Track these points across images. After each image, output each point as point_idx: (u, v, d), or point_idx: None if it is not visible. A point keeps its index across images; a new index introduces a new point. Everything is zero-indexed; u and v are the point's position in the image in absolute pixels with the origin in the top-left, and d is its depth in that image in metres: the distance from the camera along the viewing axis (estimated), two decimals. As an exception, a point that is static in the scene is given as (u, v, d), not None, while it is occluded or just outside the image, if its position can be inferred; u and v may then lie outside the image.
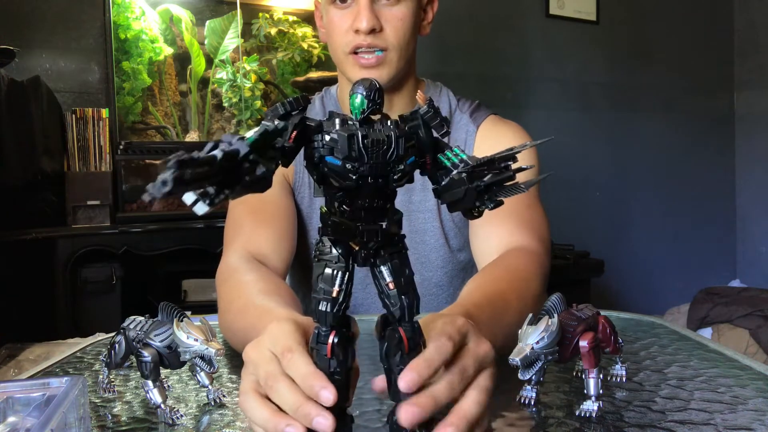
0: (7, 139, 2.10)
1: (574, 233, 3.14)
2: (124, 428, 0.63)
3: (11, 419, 0.53)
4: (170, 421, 0.63)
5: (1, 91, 2.07)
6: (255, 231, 1.03)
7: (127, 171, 2.37)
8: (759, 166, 3.89)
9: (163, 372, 0.66)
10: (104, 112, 2.34)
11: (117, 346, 0.69)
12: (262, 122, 0.46)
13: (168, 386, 0.71)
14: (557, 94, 3.45)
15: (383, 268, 0.49)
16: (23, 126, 2.17)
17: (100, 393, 0.72)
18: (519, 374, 0.64)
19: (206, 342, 0.63)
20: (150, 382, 0.63)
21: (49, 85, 2.29)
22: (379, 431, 0.61)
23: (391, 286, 0.49)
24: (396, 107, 1.09)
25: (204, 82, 2.65)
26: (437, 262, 1.14)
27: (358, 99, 0.47)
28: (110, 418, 0.66)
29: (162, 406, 0.63)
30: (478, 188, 0.47)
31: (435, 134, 0.50)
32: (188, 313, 0.68)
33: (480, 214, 0.49)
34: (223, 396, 0.69)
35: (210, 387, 0.68)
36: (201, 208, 0.39)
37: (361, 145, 0.46)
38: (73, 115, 2.30)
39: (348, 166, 0.46)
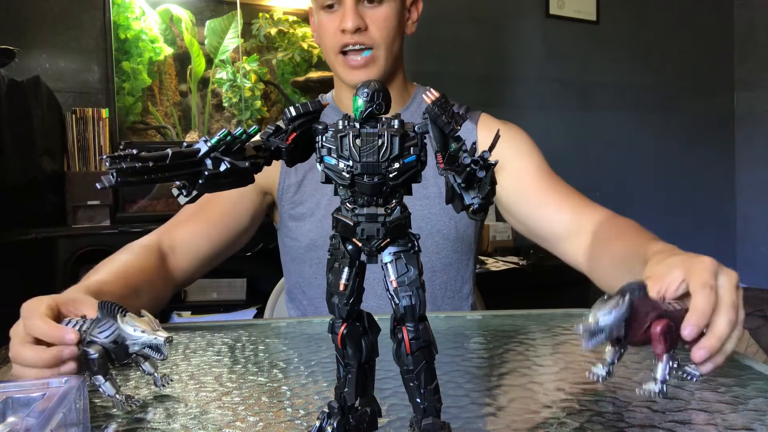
0: (7, 139, 2.10)
1: (574, 233, 3.13)
2: (124, 428, 0.63)
3: (11, 419, 0.53)
4: (129, 408, 0.66)
5: (1, 91, 2.07)
6: (179, 225, 1.14)
7: (128, 171, 2.37)
8: (759, 166, 3.88)
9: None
10: (104, 112, 2.34)
11: None
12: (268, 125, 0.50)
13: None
14: (557, 94, 3.45)
15: (389, 266, 0.50)
16: (23, 126, 2.17)
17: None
18: (582, 344, 0.62)
19: (153, 332, 0.66)
20: (101, 377, 0.66)
21: (49, 85, 2.29)
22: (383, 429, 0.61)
23: (394, 284, 0.49)
24: None
25: (204, 82, 2.65)
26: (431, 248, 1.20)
27: (358, 101, 0.48)
28: (110, 417, 0.66)
29: (117, 396, 0.66)
30: (461, 186, 0.47)
31: (445, 132, 0.49)
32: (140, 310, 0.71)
33: (483, 210, 0.48)
34: (171, 381, 0.72)
35: (156, 374, 0.70)
36: (181, 199, 0.46)
37: (351, 144, 0.48)
38: (73, 115, 2.30)
39: (341, 165, 0.48)
